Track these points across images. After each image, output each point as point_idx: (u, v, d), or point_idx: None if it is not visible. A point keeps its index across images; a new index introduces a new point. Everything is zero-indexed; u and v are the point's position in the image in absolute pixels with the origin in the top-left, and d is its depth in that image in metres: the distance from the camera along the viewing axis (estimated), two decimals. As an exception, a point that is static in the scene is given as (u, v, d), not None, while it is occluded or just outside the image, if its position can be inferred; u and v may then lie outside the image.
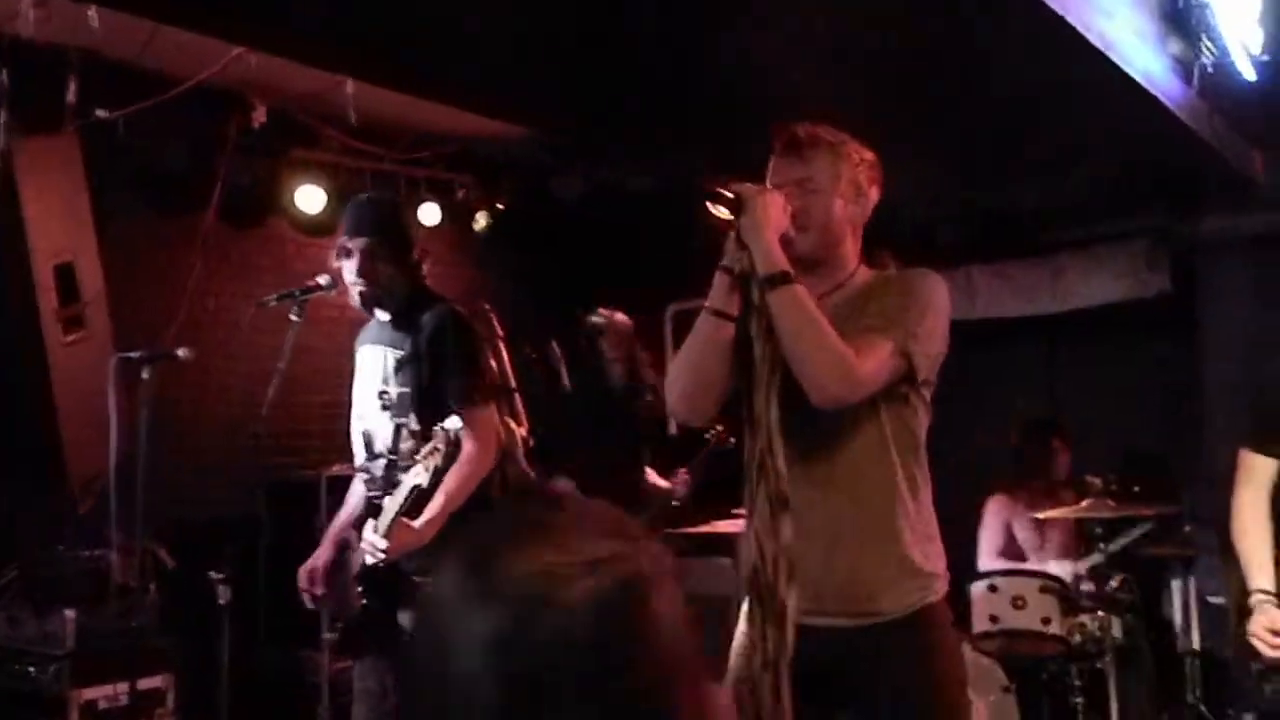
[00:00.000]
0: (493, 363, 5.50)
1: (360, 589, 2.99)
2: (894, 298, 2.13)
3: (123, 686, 3.55)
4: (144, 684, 3.73)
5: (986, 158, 4.39)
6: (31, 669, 3.66)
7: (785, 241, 2.12)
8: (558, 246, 5.96)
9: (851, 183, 2.19)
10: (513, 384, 5.69)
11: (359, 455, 3.16)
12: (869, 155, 2.23)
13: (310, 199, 5.03)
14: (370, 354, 3.15)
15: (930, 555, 2.16)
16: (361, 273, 3.02)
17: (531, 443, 5.71)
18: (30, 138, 3.64)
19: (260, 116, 4.81)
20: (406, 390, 3.02)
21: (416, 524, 2.90)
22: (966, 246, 5.29)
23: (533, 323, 5.20)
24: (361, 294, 3.05)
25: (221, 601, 3.08)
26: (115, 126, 4.15)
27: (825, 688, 2.14)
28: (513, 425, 5.55)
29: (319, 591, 3.08)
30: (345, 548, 3.18)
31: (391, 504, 2.89)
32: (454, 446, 2.88)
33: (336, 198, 5.14)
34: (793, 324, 2.00)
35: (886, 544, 2.12)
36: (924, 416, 2.20)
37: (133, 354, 3.50)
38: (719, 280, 2.09)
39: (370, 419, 3.11)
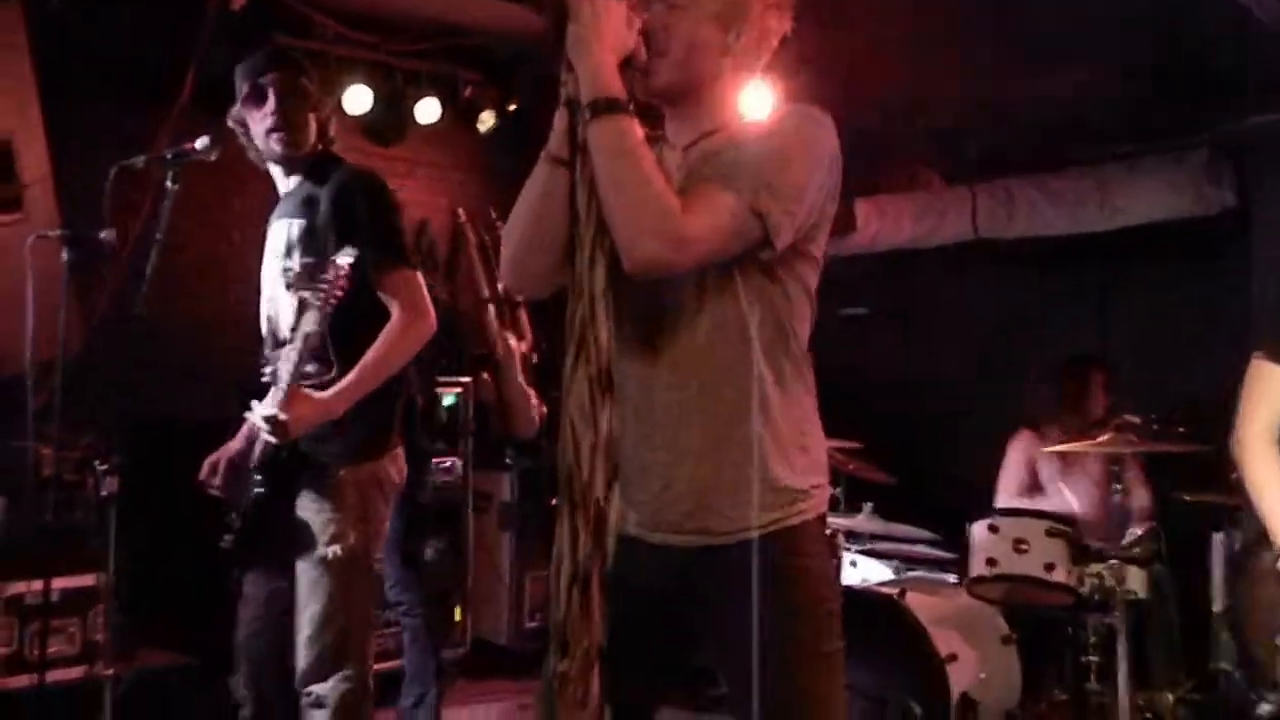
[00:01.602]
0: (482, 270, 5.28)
1: (257, 478, 2.69)
2: (752, 142, 1.72)
3: (52, 582, 3.41)
4: (74, 582, 3.60)
5: (1013, 52, 3.86)
6: (-42, 558, 3.55)
7: (638, 70, 1.74)
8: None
9: (733, 4, 1.77)
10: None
11: (266, 348, 2.86)
12: None
13: (297, 91, 4.76)
14: (275, 230, 2.83)
15: (799, 468, 1.78)
16: (280, 112, 2.66)
17: (535, 359, 5.47)
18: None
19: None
20: (310, 260, 2.67)
21: (323, 395, 2.58)
22: (1001, 158, 4.76)
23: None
24: (283, 141, 2.68)
25: (104, 493, 2.86)
26: (73, 6, 3.94)
27: (655, 616, 1.80)
28: (511, 340, 5.31)
29: (216, 483, 2.83)
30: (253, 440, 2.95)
31: (285, 367, 2.54)
32: (346, 283, 2.50)
33: (327, 89, 4.87)
34: (606, 161, 1.62)
35: (739, 448, 1.75)
36: (800, 303, 1.80)
37: (50, 232, 3.30)
38: (558, 118, 1.73)
39: (275, 301, 2.80)
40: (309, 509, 2.62)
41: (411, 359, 2.70)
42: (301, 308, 2.57)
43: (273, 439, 2.57)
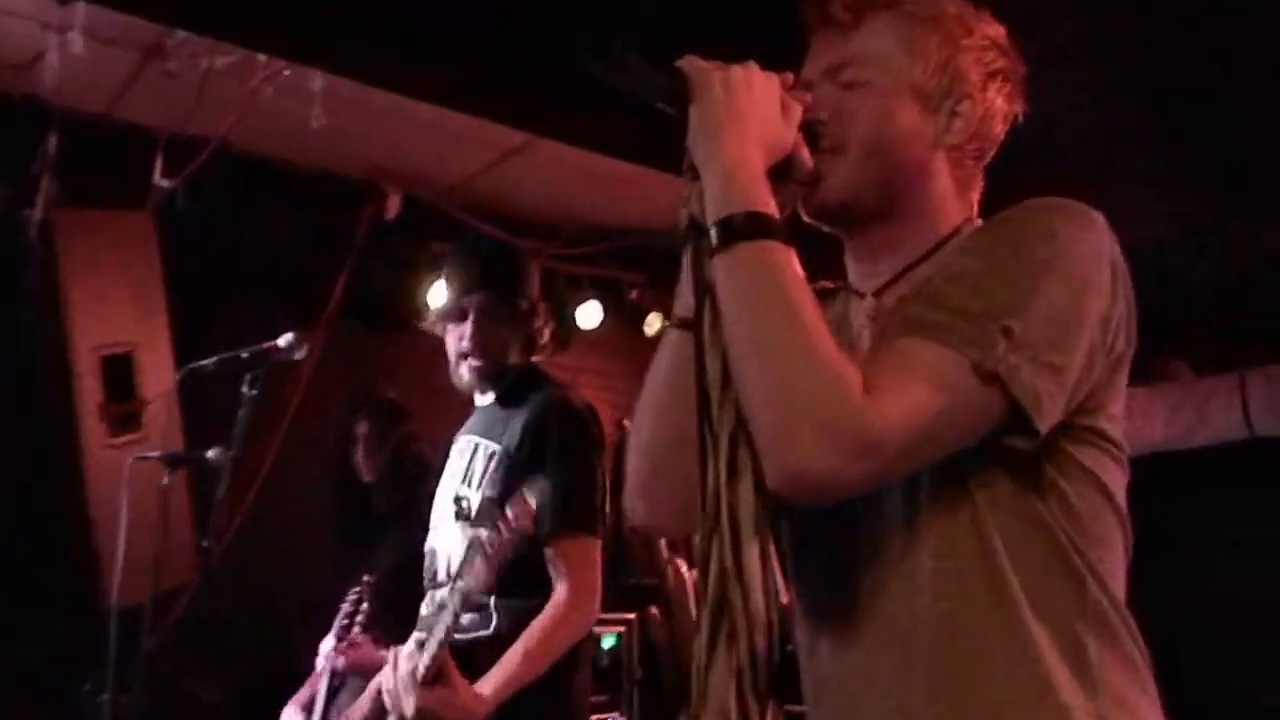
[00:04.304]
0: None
1: None
2: (972, 260, 1.06)
3: None
4: None
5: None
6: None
7: (800, 181, 1.14)
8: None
9: (943, 71, 1.15)
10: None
11: (425, 585, 2.39)
12: (990, 30, 1.19)
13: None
14: (459, 448, 2.40)
15: None
16: (476, 339, 2.32)
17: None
18: (83, 211, 3.24)
19: (394, 207, 4.34)
20: (493, 495, 2.21)
21: (472, 694, 2.05)
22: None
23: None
24: (476, 369, 2.34)
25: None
26: (211, 212, 3.76)
27: None
28: (684, 567, 4.63)
29: None
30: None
31: (436, 638, 2.02)
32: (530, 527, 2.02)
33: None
34: (741, 311, 1.01)
35: None
36: (1099, 520, 1.09)
37: (150, 454, 2.93)
38: (686, 259, 1.13)
39: (440, 532, 2.34)
40: None
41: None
42: (469, 552, 2.06)
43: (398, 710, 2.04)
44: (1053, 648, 1.04)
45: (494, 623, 2.17)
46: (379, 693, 2.14)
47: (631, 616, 4.23)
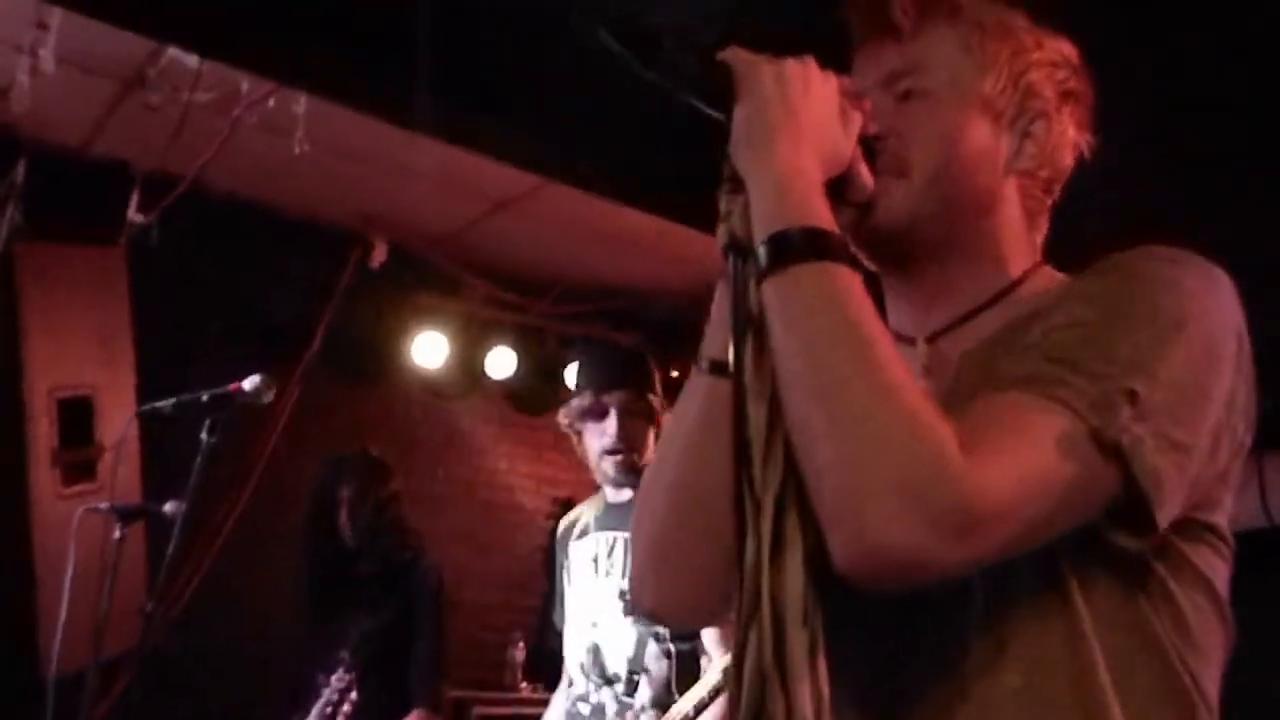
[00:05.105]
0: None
1: None
2: (1082, 309, 0.87)
3: None
4: None
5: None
6: None
7: (853, 204, 0.96)
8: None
9: (1014, 86, 0.98)
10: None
11: (580, 680, 2.41)
12: (1063, 46, 1.02)
13: (436, 352, 4.28)
14: (602, 543, 2.46)
15: None
16: (621, 436, 2.36)
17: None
18: (49, 245, 3.05)
19: (380, 255, 4.17)
20: None
21: None
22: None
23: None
24: (620, 465, 2.37)
25: None
26: (200, 256, 3.58)
27: None
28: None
29: None
30: None
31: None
32: None
33: (469, 352, 4.40)
34: (803, 349, 0.81)
35: None
36: (1206, 631, 0.90)
37: (100, 506, 2.71)
38: (718, 293, 0.95)
39: (604, 628, 2.37)
40: None
41: None
42: (643, 644, 2.27)
43: None
44: None
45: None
46: None
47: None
